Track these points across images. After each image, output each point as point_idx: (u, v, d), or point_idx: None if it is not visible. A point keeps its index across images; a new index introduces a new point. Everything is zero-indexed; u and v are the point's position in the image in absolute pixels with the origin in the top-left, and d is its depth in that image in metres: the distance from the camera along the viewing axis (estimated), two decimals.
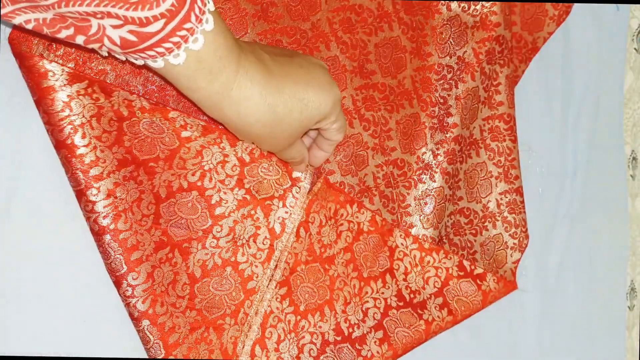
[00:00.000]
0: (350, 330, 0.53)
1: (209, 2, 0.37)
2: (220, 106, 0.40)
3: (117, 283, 0.46)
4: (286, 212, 0.51)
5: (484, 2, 0.58)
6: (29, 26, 0.34)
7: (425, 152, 0.58)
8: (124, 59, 0.38)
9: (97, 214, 0.44)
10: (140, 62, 0.37)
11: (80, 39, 0.35)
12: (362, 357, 0.53)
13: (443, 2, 0.59)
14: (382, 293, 0.55)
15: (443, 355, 0.59)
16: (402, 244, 0.56)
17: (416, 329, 0.54)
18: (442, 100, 0.59)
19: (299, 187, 0.52)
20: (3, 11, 0.33)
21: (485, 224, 0.60)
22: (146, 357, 0.47)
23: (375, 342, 0.53)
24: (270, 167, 0.51)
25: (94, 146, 0.45)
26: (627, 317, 0.71)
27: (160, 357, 0.46)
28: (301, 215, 0.52)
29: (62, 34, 0.35)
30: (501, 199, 0.60)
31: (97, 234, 0.45)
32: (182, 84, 0.39)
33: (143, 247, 0.46)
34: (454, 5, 0.58)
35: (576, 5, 0.66)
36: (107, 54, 0.37)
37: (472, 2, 0.58)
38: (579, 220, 0.68)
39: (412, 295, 0.55)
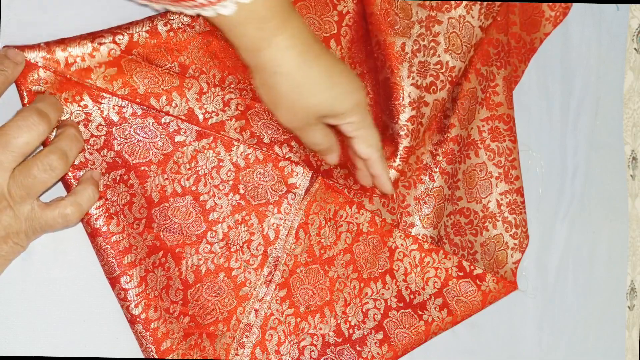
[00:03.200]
0: (351, 331, 0.52)
1: None
2: (260, 50, 0.41)
3: (112, 285, 0.44)
4: (280, 219, 0.49)
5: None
6: None
7: (425, 152, 0.57)
8: (175, 9, 0.40)
9: (90, 215, 0.42)
10: (192, 12, 0.39)
11: None
12: (362, 358, 0.51)
13: None
14: (382, 294, 0.54)
15: (443, 355, 0.58)
16: (401, 245, 0.55)
17: (416, 329, 0.53)
18: None
19: (294, 194, 0.49)
20: None
21: (485, 224, 0.58)
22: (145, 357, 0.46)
23: (375, 343, 0.52)
24: (265, 172, 0.49)
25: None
26: (627, 317, 0.69)
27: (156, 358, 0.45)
28: (300, 218, 0.51)
29: None
30: (501, 199, 0.58)
31: (91, 235, 0.43)
32: (230, 31, 0.41)
33: (136, 251, 0.44)
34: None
35: (576, 5, 0.64)
36: (160, 9, 0.39)
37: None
38: (579, 220, 0.66)
39: (412, 296, 0.54)
